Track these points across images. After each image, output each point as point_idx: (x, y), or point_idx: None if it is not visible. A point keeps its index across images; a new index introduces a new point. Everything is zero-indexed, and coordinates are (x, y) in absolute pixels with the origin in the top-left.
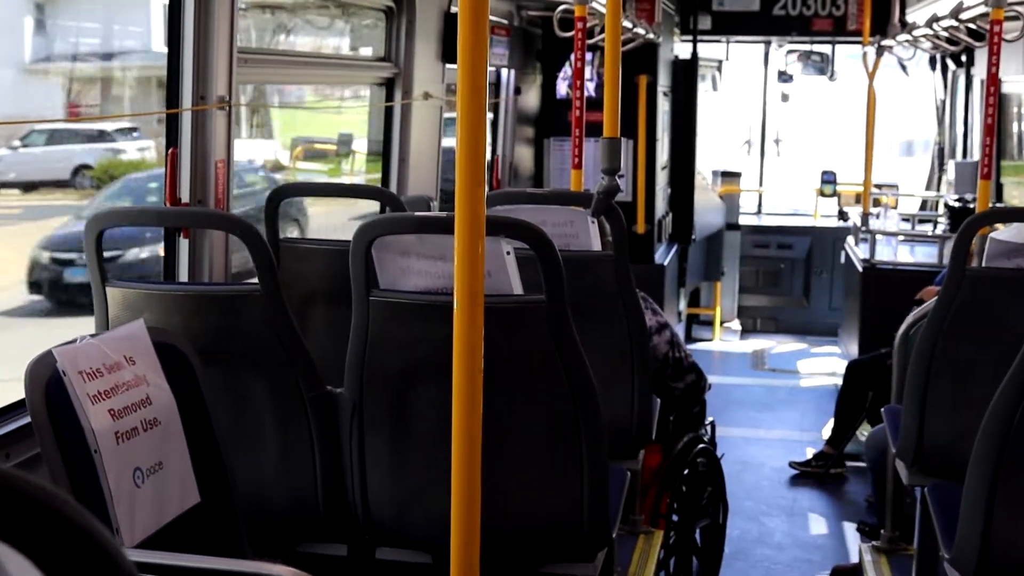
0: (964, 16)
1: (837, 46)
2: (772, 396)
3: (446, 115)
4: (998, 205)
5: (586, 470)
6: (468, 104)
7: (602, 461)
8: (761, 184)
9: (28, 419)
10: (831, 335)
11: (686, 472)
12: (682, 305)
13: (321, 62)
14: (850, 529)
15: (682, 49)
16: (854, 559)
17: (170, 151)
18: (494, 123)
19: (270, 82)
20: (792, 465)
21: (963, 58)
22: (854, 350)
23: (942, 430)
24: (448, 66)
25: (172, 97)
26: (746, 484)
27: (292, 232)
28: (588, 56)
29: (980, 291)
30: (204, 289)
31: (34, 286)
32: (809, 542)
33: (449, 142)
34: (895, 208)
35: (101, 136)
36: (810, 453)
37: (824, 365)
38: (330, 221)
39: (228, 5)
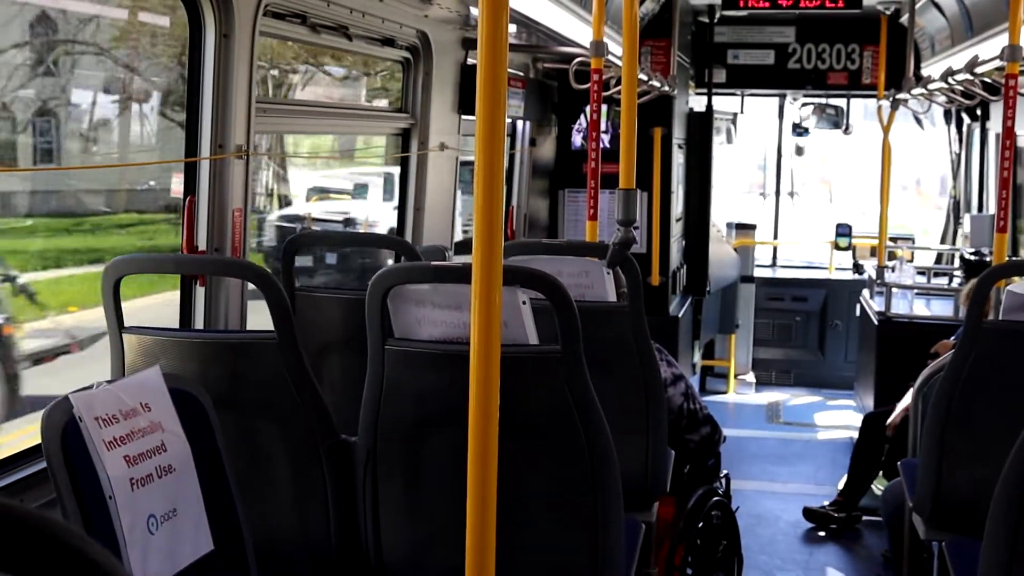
0: (979, 70)
1: (853, 99)
2: (787, 449)
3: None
4: (1014, 258)
5: (600, 521)
6: (485, 156)
7: (616, 513)
8: (776, 237)
9: (43, 464)
10: (846, 388)
11: (701, 525)
12: (696, 357)
13: (338, 112)
14: None
15: (697, 102)
16: None
17: (188, 199)
18: (509, 174)
19: (288, 132)
20: (806, 512)
21: (978, 112)
22: (870, 403)
23: (959, 484)
24: (464, 117)
25: (191, 146)
26: (761, 538)
27: None
28: (603, 108)
29: (997, 345)
30: (220, 337)
31: None
32: None
33: None
34: (910, 261)
35: None
36: None
37: (839, 418)
38: None
39: (247, 56)
